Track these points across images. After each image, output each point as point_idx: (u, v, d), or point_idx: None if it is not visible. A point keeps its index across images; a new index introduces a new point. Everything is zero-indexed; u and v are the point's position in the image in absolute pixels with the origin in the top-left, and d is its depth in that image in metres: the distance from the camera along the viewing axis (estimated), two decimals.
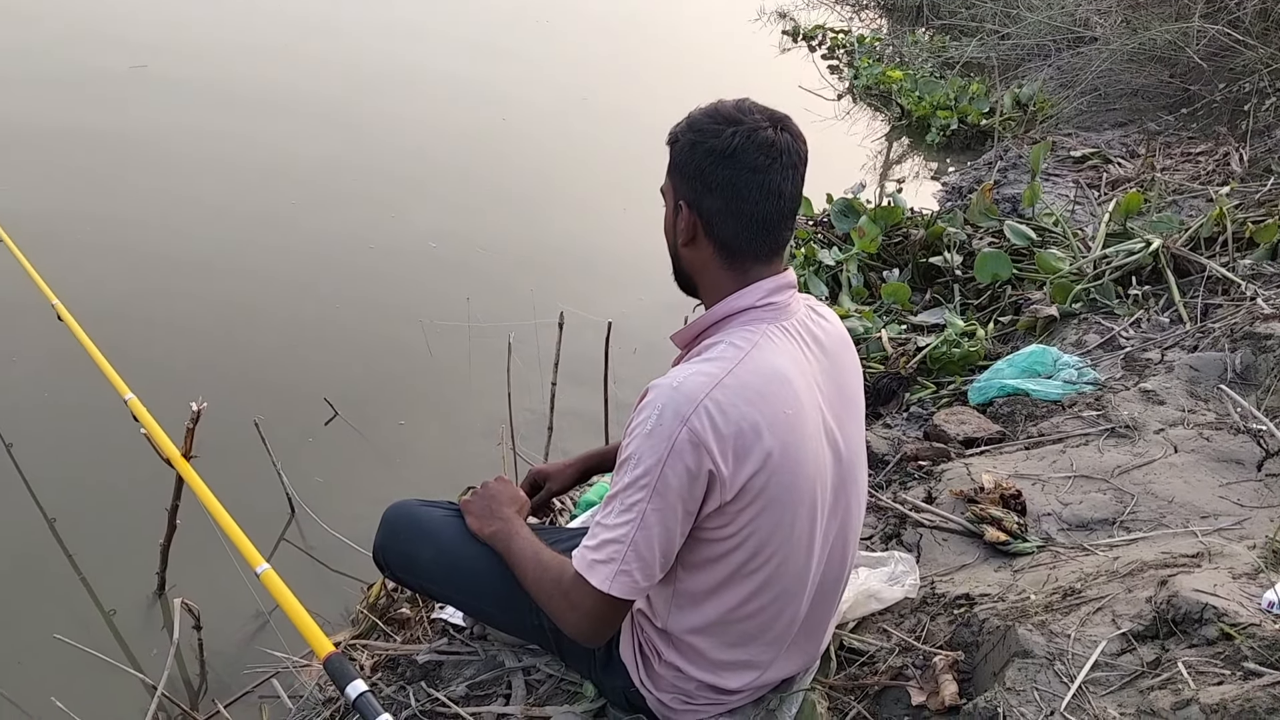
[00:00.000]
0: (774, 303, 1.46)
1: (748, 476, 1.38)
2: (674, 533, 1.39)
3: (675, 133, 1.46)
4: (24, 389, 3.22)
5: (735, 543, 1.44)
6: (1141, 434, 2.55)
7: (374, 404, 3.42)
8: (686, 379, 1.37)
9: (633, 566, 1.38)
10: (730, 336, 1.44)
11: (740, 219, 1.42)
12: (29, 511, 2.79)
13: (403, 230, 4.74)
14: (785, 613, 1.54)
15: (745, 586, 1.48)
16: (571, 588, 1.45)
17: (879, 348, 3.60)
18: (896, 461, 2.77)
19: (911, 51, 8.62)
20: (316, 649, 1.65)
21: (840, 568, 1.62)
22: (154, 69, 6.41)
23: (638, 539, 1.37)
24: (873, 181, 5.95)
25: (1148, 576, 1.76)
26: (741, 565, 1.46)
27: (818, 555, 1.53)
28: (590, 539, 1.43)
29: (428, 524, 1.77)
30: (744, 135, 1.39)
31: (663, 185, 1.51)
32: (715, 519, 1.42)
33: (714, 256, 1.46)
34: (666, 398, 1.36)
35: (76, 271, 3.76)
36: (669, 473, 1.34)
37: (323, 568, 2.69)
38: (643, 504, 1.36)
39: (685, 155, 1.43)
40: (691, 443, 1.33)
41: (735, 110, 1.42)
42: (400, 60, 7.41)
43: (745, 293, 1.46)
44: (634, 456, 1.37)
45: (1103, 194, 4.96)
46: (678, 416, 1.34)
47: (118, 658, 2.36)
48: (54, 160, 4.95)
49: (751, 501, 1.40)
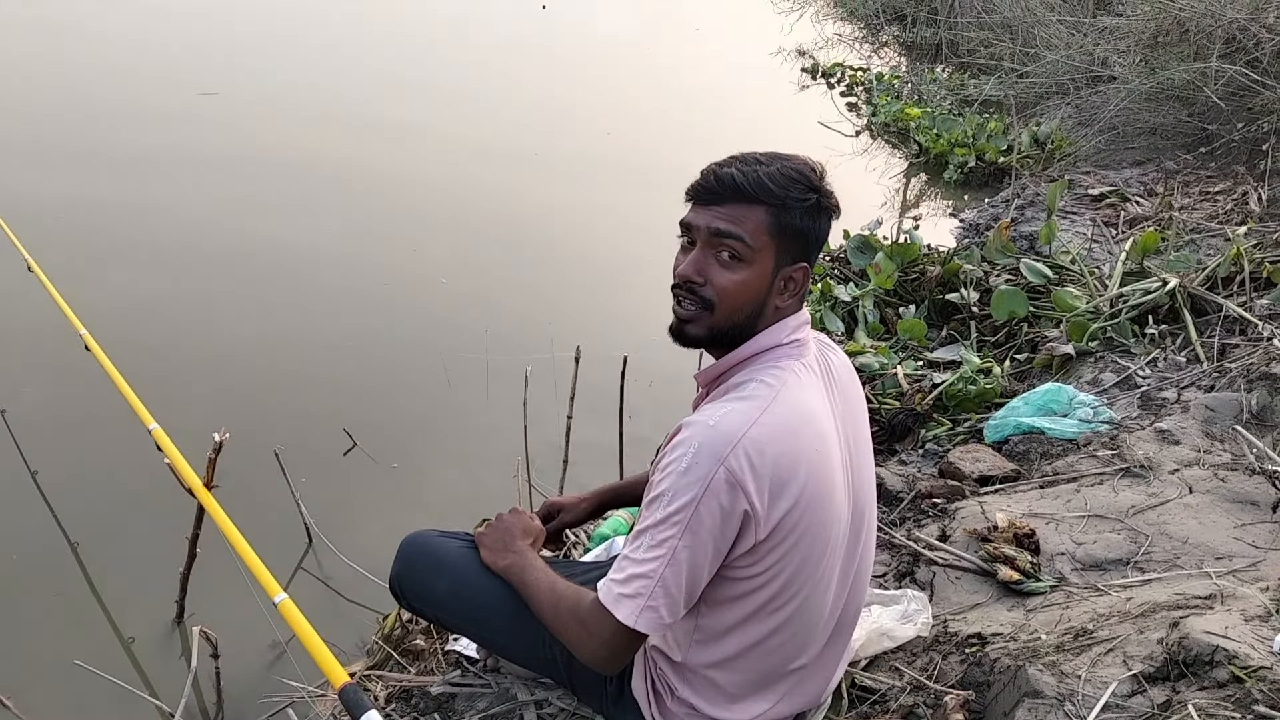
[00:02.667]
0: (798, 339, 1.50)
1: (782, 514, 1.39)
2: (702, 571, 1.40)
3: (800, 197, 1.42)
4: (51, 417, 3.28)
5: (763, 580, 1.45)
6: (1156, 474, 2.55)
7: (392, 435, 3.46)
8: (723, 418, 1.38)
9: (659, 603, 1.39)
10: (760, 375, 1.45)
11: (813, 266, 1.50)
12: (53, 537, 2.83)
13: (423, 264, 4.80)
14: (804, 649, 1.55)
15: (768, 623, 1.49)
16: (590, 618, 1.45)
17: (894, 384, 3.61)
18: (911, 499, 2.78)
19: (930, 89, 8.67)
20: (332, 679, 1.67)
21: (857, 603, 1.64)
22: (182, 104, 6.56)
23: (667, 576, 1.38)
24: (890, 218, 5.97)
25: (1160, 618, 1.76)
26: (767, 602, 1.47)
27: (836, 591, 1.55)
28: (617, 573, 1.43)
29: (444, 555, 1.78)
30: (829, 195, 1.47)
31: (750, 240, 1.42)
32: (746, 558, 1.43)
33: (791, 308, 1.51)
34: (704, 436, 1.37)
35: (105, 303, 3.82)
36: (703, 511, 1.35)
37: (339, 597, 2.71)
38: (674, 541, 1.37)
39: (808, 218, 1.44)
40: (728, 482, 1.34)
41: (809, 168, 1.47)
42: (419, 96, 7.52)
43: (773, 330, 1.48)
44: (667, 493, 1.38)
45: (1120, 232, 4.96)
46: (714, 456, 1.35)
47: (136, 684, 2.38)
48: (80, 194, 5.05)
49: (784, 539, 1.42)
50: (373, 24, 9.48)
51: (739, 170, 1.42)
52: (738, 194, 1.41)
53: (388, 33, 9.30)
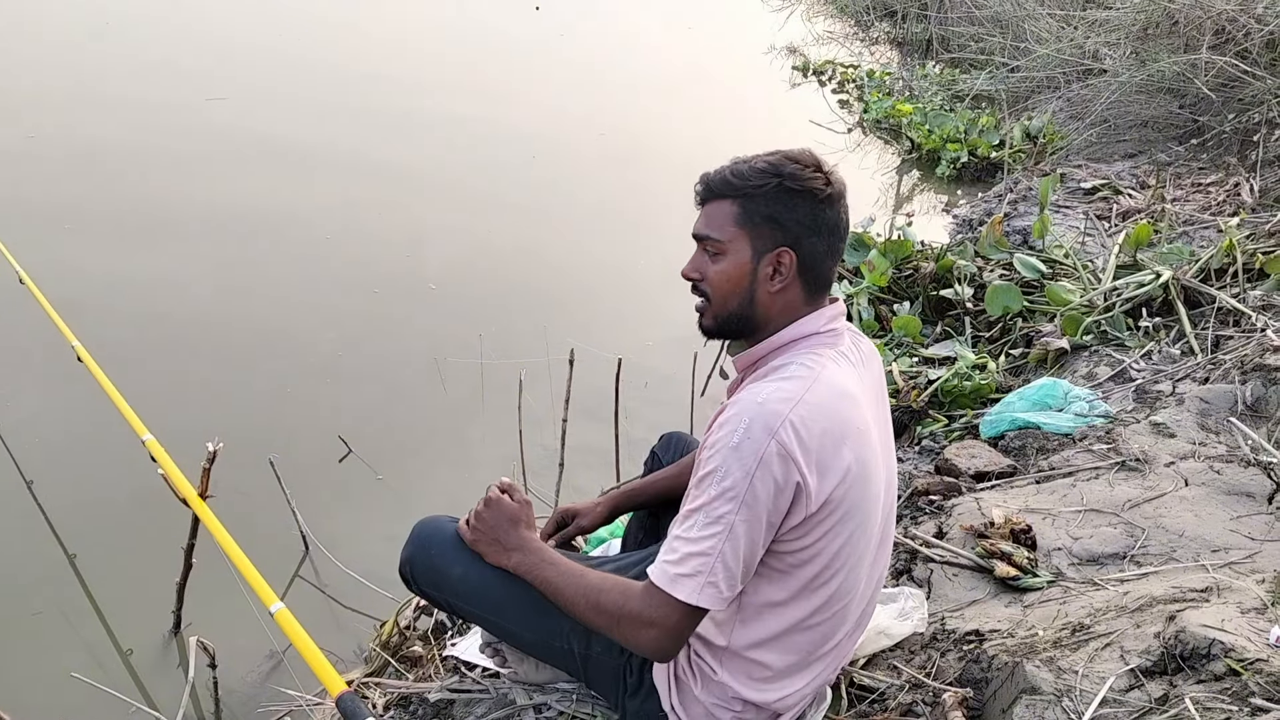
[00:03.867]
0: (835, 329, 1.55)
1: (831, 488, 1.43)
2: (758, 544, 1.43)
3: (761, 184, 1.49)
4: (45, 428, 3.27)
5: (809, 555, 1.48)
6: (1152, 467, 2.55)
7: (387, 441, 3.45)
8: (770, 394, 1.42)
9: (719, 578, 1.41)
10: (798, 359, 1.50)
11: (833, 255, 1.53)
12: (50, 549, 2.83)
13: (414, 270, 4.79)
14: (839, 628, 1.59)
15: (812, 601, 1.52)
16: (646, 604, 1.44)
17: (890, 381, 3.61)
18: (907, 496, 2.78)
19: (921, 85, 8.66)
20: (329, 687, 1.66)
21: (881, 583, 1.70)
22: (176, 113, 6.55)
23: (725, 550, 1.40)
24: (883, 215, 5.97)
25: (1157, 611, 1.76)
26: (812, 579, 1.50)
27: (869, 570, 1.59)
28: (670, 554, 1.43)
29: (456, 540, 1.73)
30: (836, 181, 1.51)
31: (720, 235, 1.52)
32: (794, 531, 1.45)
33: (800, 294, 1.53)
34: (754, 412, 1.40)
35: (95, 314, 3.81)
36: (758, 484, 1.38)
37: (336, 605, 2.70)
38: (731, 515, 1.39)
39: (785, 205, 1.49)
40: (780, 455, 1.38)
41: (811, 158, 1.52)
42: (415, 97, 7.51)
43: (812, 318, 1.53)
44: (720, 469, 1.40)
45: (1113, 225, 4.97)
46: (766, 430, 1.38)
47: (134, 696, 2.38)
48: (72, 202, 5.04)
49: (830, 514, 1.45)
50: (368, 30, 9.47)
51: (713, 172, 1.55)
52: (709, 193, 1.54)
53: (381, 37, 9.29)
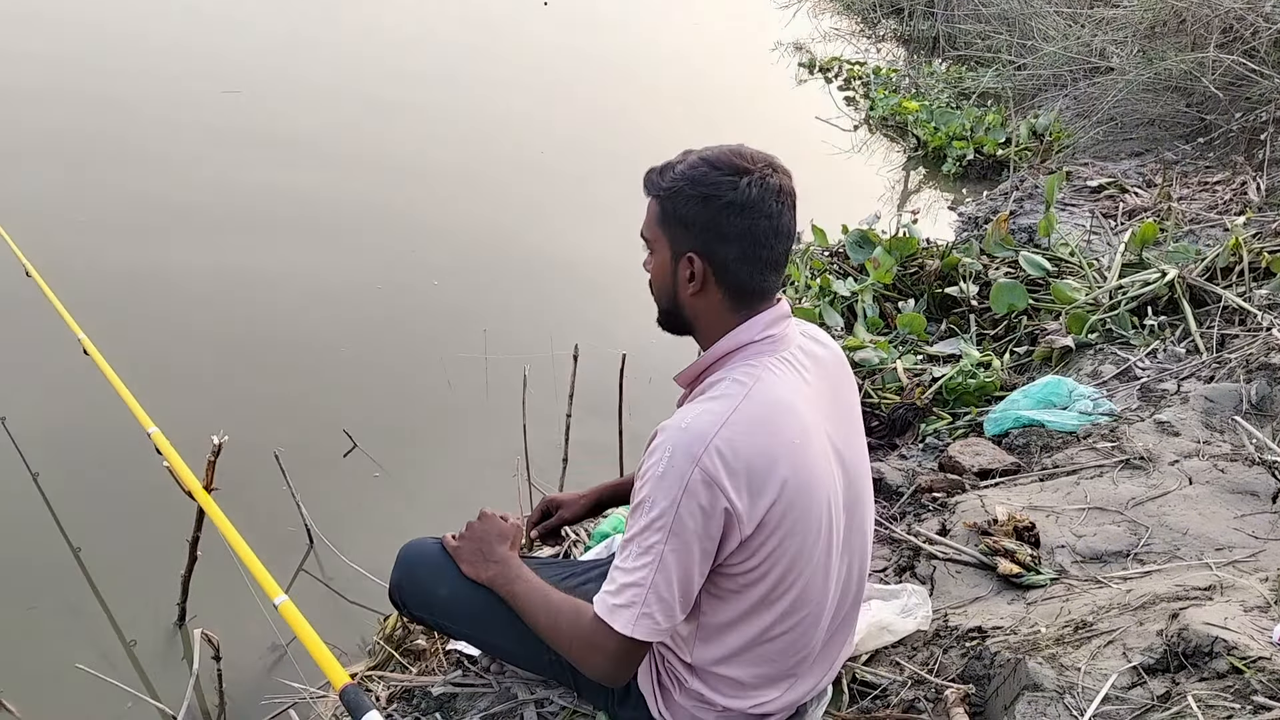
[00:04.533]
0: (772, 335, 1.49)
1: (765, 509, 1.40)
2: (692, 572, 1.41)
3: (673, 185, 1.45)
4: (51, 421, 3.28)
5: (759, 574, 1.46)
6: (1156, 465, 2.55)
7: (392, 435, 3.46)
8: (695, 419, 1.40)
9: (654, 609, 1.40)
10: (732, 373, 1.46)
11: (756, 263, 1.45)
12: (55, 541, 2.83)
13: (419, 265, 4.79)
14: (807, 639, 1.56)
15: (769, 615, 1.50)
16: (592, 632, 1.46)
17: (894, 378, 3.61)
18: (911, 493, 2.78)
19: (928, 82, 8.65)
20: (333, 680, 1.67)
21: (857, 586, 1.65)
22: (193, 104, 6.57)
23: (657, 581, 1.39)
24: (888, 212, 5.96)
25: (1160, 609, 1.76)
26: (765, 595, 1.48)
27: (835, 576, 1.56)
28: (610, 584, 1.44)
29: (443, 562, 1.78)
30: (758, 184, 1.41)
31: (647, 233, 1.52)
32: (738, 554, 1.44)
33: (722, 301, 1.49)
34: (676, 439, 1.38)
35: (101, 307, 3.82)
36: (684, 513, 1.36)
37: (340, 598, 2.71)
38: (659, 546, 1.38)
39: (694, 208, 1.43)
40: (704, 482, 1.36)
41: (739, 159, 1.43)
42: (420, 92, 7.51)
43: (745, 328, 1.48)
44: (648, 500, 1.39)
45: (1119, 224, 4.96)
46: (689, 457, 1.36)
47: (138, 687, 2.39)
48: (78, 195, 5.06)
49: (771, 533, 1.42)
50: (376, 26, 9.46)
51: (652, 167, 1.52)
52: (644, 189, 1.52)
53: (388, 33, 9.29)
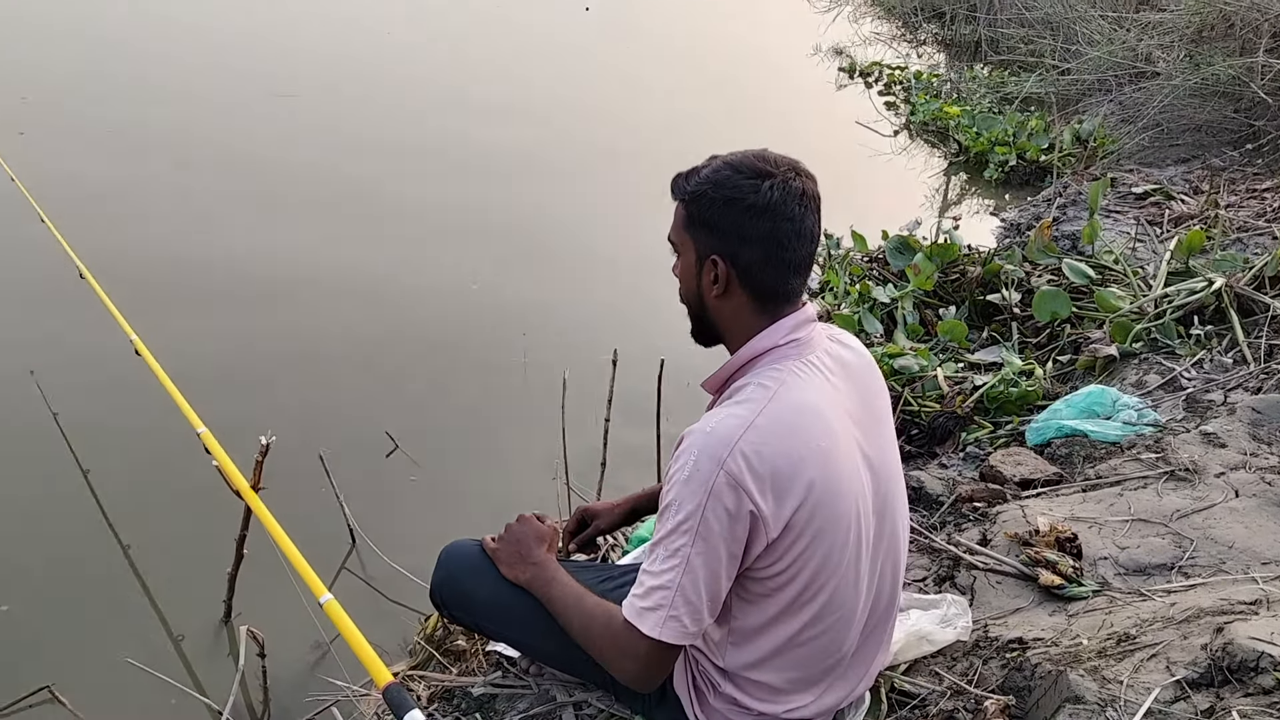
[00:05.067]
0: (797, 339, 1.50)
1: (790, 512, 1.41)
2: (719, 576, 1.42)
3: (697, 189, 1.48)
4: (103, 420, 3.36)
5: (787, 578, 1.47)
6: (1202, 477, 2.51)
7: (433, 438, 3.50)
8: (719, 423, 1.41)
9: (681, 612, 1.41)
10: (758, 377, 1.48)
11: (780, 267, 1.47)
12: (105, 538, 2.90)
13: (461, 269, 4.84)
14: (840, 643, 1.57)
15: (800, 618, 1.51)
16: (622, 635, 1.48)
17: (935, 386, 3.59)
18: (951, 503, 2.76)
19: (969, 87, 8.58)
20: (376, 678, 1.70)
21: (891, 590, 1.65)
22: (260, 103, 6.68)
23: (684, 584, 1.40)
24: (929, 218, 5.93)
25: (1204, 623, 1.74)
26: (795, 599, 1.49)
27: (866, 580, 1.56)
28: (638, 587, 1.46)
29: (483, 564, 1.81)
30: (780, 187, 1.43)
31: (673, 237, 1.55)
32: (765, 557, 1.44)
33: (747, 304, 1.50)
34: (701, 443, 1.40)
35: (154, 309, 3.90)
36: (710, 516, 1.38)
37: (381, 597, 2.75)
38: (686, 549, 1.39)
39: (717, 211, 1.46)
40: (729, 485, 1.37)
41: (762, 163, 1.45)
42: (459, 102, 7.58)
43: (769, 332, 1.50)
44: (674, 503, 1.41)
45: (1164, 231, 4.89)
46: (714, 460, 1.38)
47: (185, 682, 2.44)
48: (131, 201, 5.17)
49: (798, 537, 1.43)
50: (421, 34, 9.57)
51: (679, 172, 1.54)
52: (671, 193, 1.55)
53: (433, 38, 9.40)
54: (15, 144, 5.50)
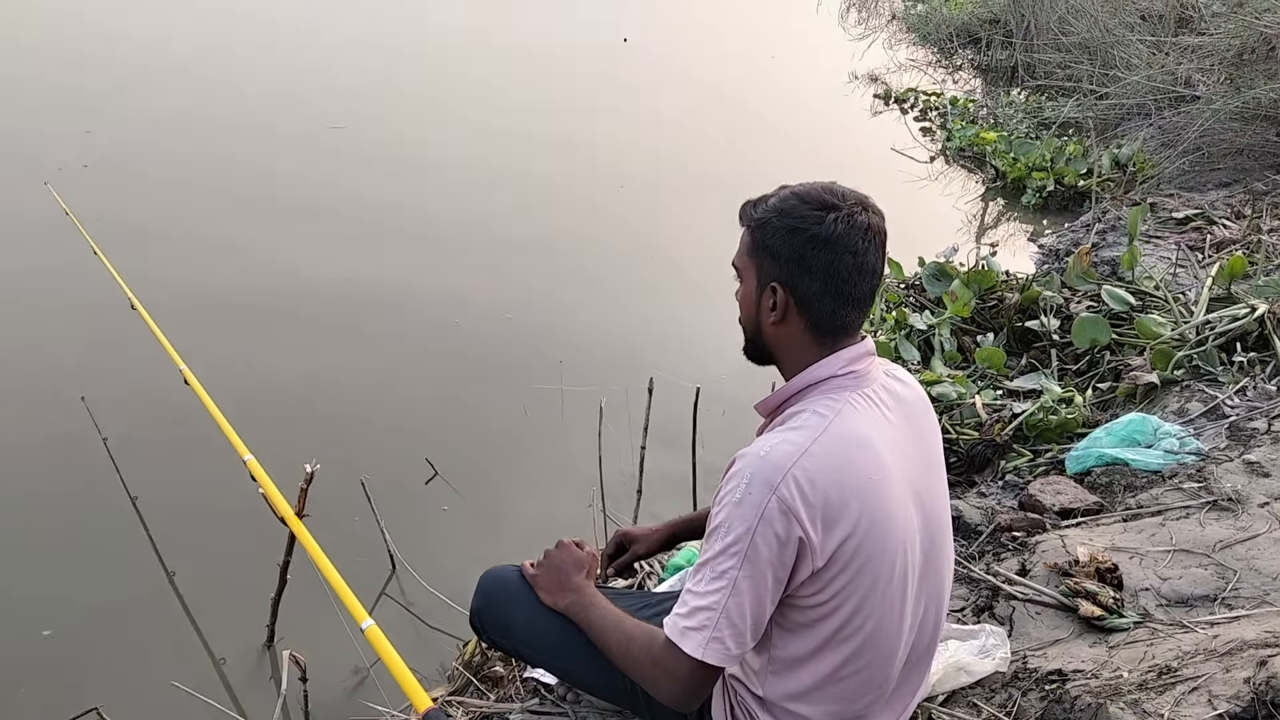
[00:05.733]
0: (855, 370, 1.51)
1: (837, 544, 1.41)
2: (765, 600, 1.43)
3: (763, 217, 1.51)
4: (151, 449, 3.44)
5: (829, 609, 1.47)
6: (1245, 507, 2.48)
7: (472, 465, 3.54)
8: (774, 448, 1.42)
9: (725, 634, 1.42)
10: (814, 405, 1.48)
11: (838, 299, 1.48)
12: (151, 563, 2.96)
13: (499, 297, 4.89)
14: (880, 679, 1.56)
15: (841, 652, 1.50)
16: (663, 655, 1.48)
17: (973, 414, 3.57)
18: (990, 532, 2.74)
19: (1006, 112, 8.54)
20: (416, 704, 1.72)
21: (933, 630, 1.64)
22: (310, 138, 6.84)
23: (729, 606, 1.41)
24: (966, 244, 5.91)
25: (1247, 656, 1.72)
26: (837, 631, 1.48)
27: (909, 619, 1.55)
28: (681, 606, 1.46)
29: (522, 590, 1.82)
30: (844, 221, 1.45)
31: (738, 262, 1.57)
32: (808, 586, 1.45)
33: (804, 333, 1.51)
34: (755, 467, 1.41)
35: (203, 341, 3.99)
36: (759, 540, 1.38)
37: (420, 623, 2.78)
38: (734, 571, 1.40)
39: (780, 240, 1.48)
40: (781, 511, 1.37)
41: (830, 195, 1.47)
42: (497, 132, 7.69)
43: (827, 362, 1.50)
44: (724, 525, 1.41)
45: (1206, 257, 4.84)
46: (767, 485, 1.38)
47: (228, 705, 2.48)
48: (181, 225, 5.30)
49: (844, 568, 1.43)
50: (457, 66, 9.75)
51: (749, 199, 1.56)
52: (739, 219, 1.57)
53: (466, 71, 9.56)
54: (80, 176, 5.70)
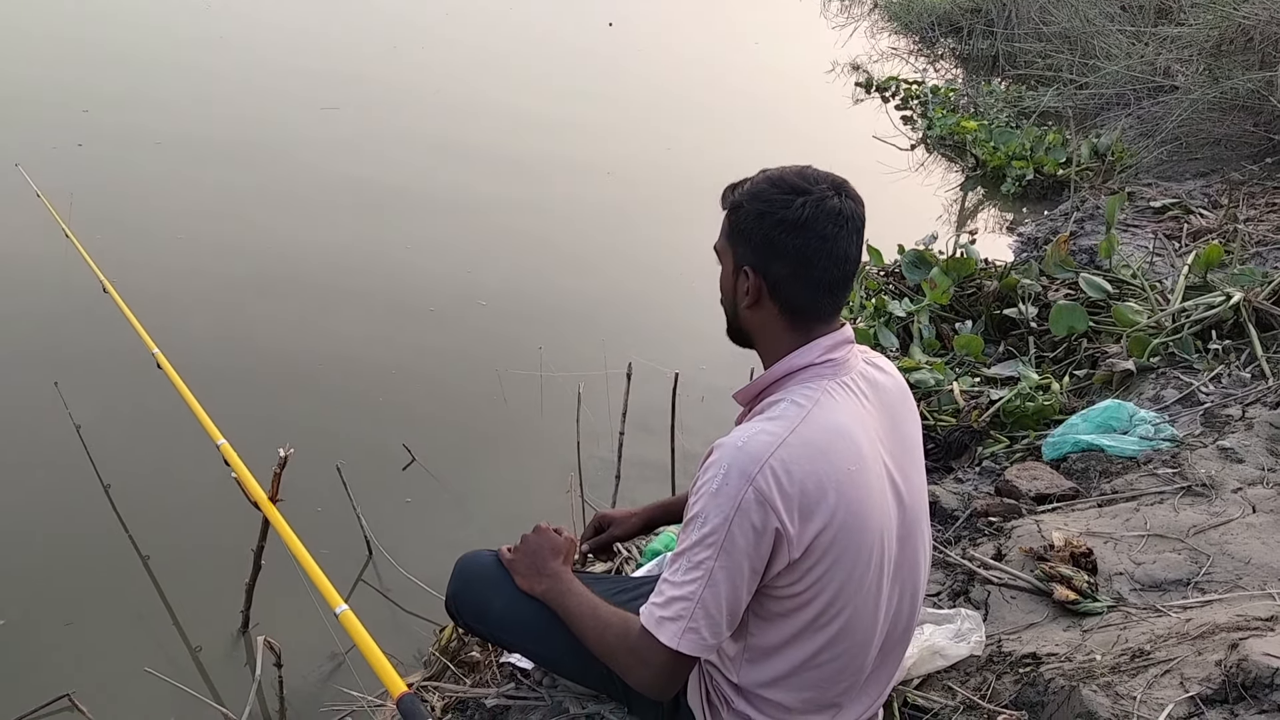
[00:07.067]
0: (833, 359, 1.50)
1: (814, 534, 1.41)
2: (741, 591, 1.42)
3: (737, 200, 1.50)
4: (124, 433, 3.40)
5: (806, 599, 1.46)
6: (1219, 493, 2.50)
7: (449, 450, 3.52)
8: (751, 438, 1.41)
9: (700, 624, 1.42)
10: (791, 395, 1.47)
11: (809, 284, 1.47)
12: (125, 549, 2.93)
13: (475, 283, 4.87)
14: (855, 666, 1.56)
15: (816, 640, 1.50)
16: (639, 644, 1.48)
17: (951, 400, 3.58)
18: (966, 517, 2.76)
19: (986, 101, 8.58)
20: (391, 689, 1.71)
21: (909, 617, 1.64)
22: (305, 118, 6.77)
23: (705, 597, 1.40)
24: (945, 232, 5.92)
25: (1219, 639, 1.73)
26: (813, 620, 1.48)
27: (885, 606, 1.55)
28: (658, 596, 1.46)
29: (498, 574, 1.81)
30: (813, 205, 1.43)
31: (717, 245, 1.57)
32: (785, 576, 1.44)
33: (778, 318, 1.50)
34: (732, 457, 1.40)
35: (173, 321, 3.95)
36: (735, 531, 1.38)
37: (397, 609, 2.77)
38: (710, 562, 1.40)
39: (751, 224, 1.47)
40: (758, 501, 1.37)
41: (800, 179, 1.45)
42: (476, 118, 7.65)
43: (805, 350, 1.49)
44: (701, 515, 1.41)
45: (1183, 245, 4.87)
46: (744, 475, 1.37)
47: (203, 692, 2.46)
48: (155, 214, 5.24)
49: (820, 559, 1.43)
50: (437, 54, 9.68)
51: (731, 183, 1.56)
52: (721, 203, 1.57)
53: (447, 57, 9.50)
54: (74, 155, 5.67)
